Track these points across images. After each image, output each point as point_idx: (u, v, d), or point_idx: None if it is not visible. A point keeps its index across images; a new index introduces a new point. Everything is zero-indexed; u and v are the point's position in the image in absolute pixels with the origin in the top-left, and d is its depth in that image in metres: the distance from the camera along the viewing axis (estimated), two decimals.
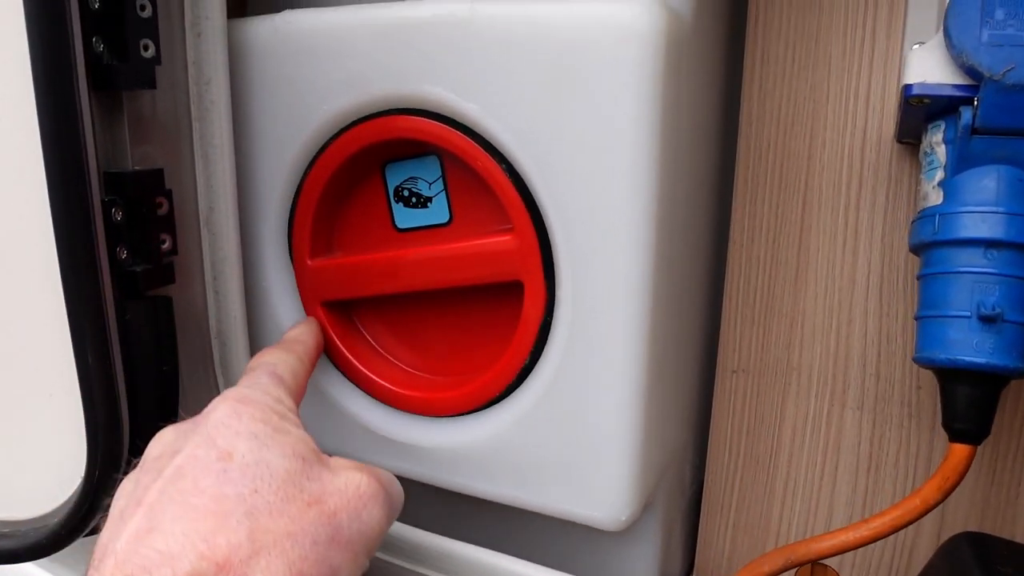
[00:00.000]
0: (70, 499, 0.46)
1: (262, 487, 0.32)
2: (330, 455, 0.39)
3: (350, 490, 0.35)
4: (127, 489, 0.36)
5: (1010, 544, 0.45)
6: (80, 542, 0.47)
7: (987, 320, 0.39)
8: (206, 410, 0.37)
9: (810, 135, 0.52)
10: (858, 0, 0.50)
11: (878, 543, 0.55)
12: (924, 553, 0.54)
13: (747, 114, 0.53)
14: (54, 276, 0.42)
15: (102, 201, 0.42)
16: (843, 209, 0.52)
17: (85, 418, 0.43)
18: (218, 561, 0.29)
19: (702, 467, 0.59)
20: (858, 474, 0.54)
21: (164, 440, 0.37)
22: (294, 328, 0.49)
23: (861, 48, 0.50)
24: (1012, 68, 0.38)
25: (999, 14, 0.39)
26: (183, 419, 0.44)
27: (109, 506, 0.37)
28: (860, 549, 0.55)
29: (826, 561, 0.56)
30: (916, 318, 0.43)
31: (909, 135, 0.47)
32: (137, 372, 0.44)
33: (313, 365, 0.47)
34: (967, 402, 0.41)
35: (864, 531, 0.44)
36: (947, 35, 0.40)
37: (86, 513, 0.45)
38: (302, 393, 0.43)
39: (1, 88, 0.42)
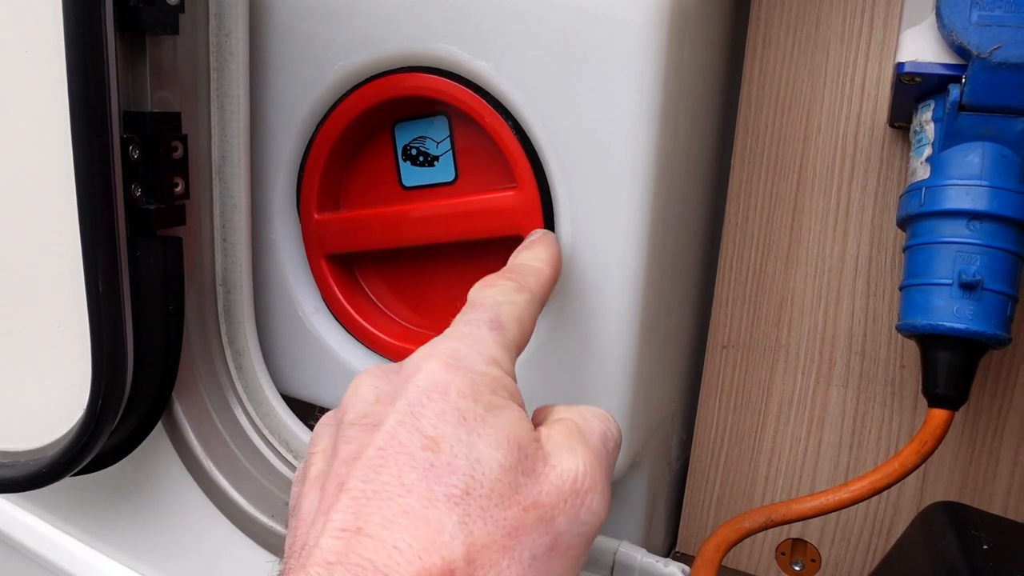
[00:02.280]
0: (70, 431, 0.47)
1: (474, 488, 0.29)
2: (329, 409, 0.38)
3: (567, 485, 0.31)
4: (323, 446, 0.33)
5: (985, 514, 0.47)
6: (69, 482, 0.48)
7: (968, 287, 0.41)
8: (410, 365, 0.33)
9: (806, 118, 0.54)
10: None
11: (857, 520, 0.56)
12: (902, 528, 0.55)
13: (746, 95, 0.55)
14: (69, 209, 0.43)
15: (121, 138, 0.44)
16: (835, 191, 0.54)
17: (92, 349, 0.44)
18: None
19: (689, 442, 0.61)
20: (840, 450, 0.56)
21: (361, 397, 0.33)
22: (530, 248, 0.42)
23: (859, 35, 0.52)
24: (999, 47, 0.40)
25: None
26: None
27: (104, 442, 0.37)
28: (840, 525, 0.57)
29: (807, 533, 0.57)
30: (900, 288, 0.45)
31: (901, 118, 0.49)
32: (144, 309, 0.46)
33: (544, 302, 0.40)
34: (947, 368, 0.43)
35: (844, 494, 0.45)
36: (939, 15, 0.42)
37: (85, 445, 0.46)
38: (526, 342, 0.38)
39: (31, 25, 0.44)
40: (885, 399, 0.54)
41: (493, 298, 0.37)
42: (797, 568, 0.59)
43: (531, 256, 0.41)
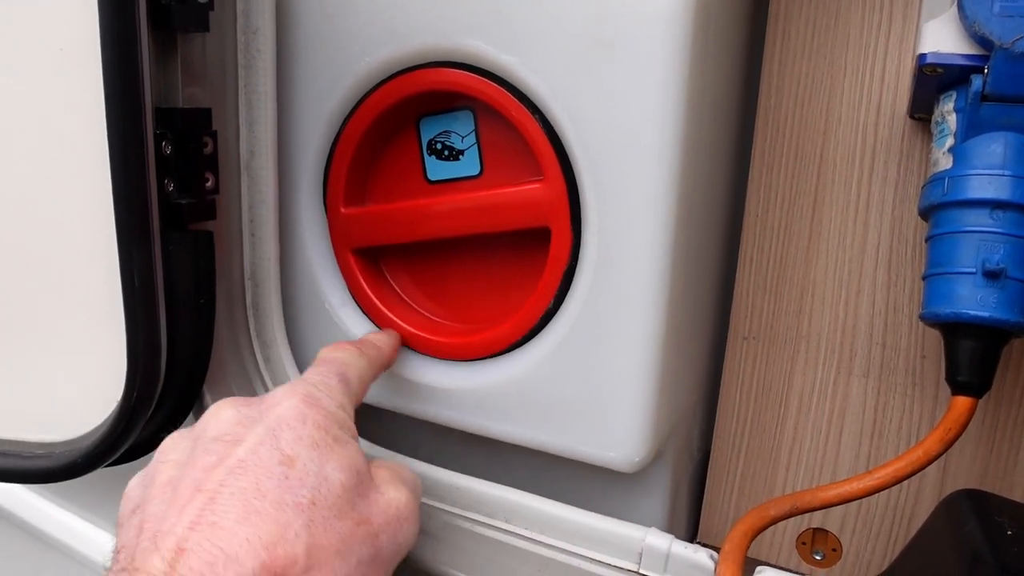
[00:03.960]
0: (105, 422, 0.48)
1: (319, 499, 0.34)
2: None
3: (391, 511, 0.38)
4: (175, 457, 0.37)
5: (1008, 500, 0.47)
6: (98, 473, 0.49)
7: (991, 276, 0.42)
8: (270, 399, 0.39)
9: (826, 110, 0.54)
10: None
11: (879, 509, 0.57)
12: (923, 518, 0.55)
13: (766, 87, 0.55)
14: (104, 203, 0.44)
15: (154, 133, 0.44)
16: (856, 182, 0.54)
17: (128, 342, 0.45)
18: (276, 572, 0.31)
19: (710, 432, 0.61)
20: (861, 441, 0.56)
21: (223, 419, 0.38)
22: (376, 333, 0.51)
23: (879, 27, 0.52)
24: (1021, 37, 0.40)
25: None
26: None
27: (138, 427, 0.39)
28: (861, 514, 0.57)
29: (828, 522, 0.58)
30: (923, 277, 0.45)
31: (921, 109, 0.49)
32: (176, 302, 0.47)
33: (379, 373, 0.48)
34: (970, 355, 0.43)
35: (868, 481, 0.45)
36: (961, 6, 0.42)
37: (120, 435, 0.47)
38: (362, 399, 0.45)
39: (66, 23, 0.44)
40: (906, 389, 0.54)
41: (342, 359, 0.44)
42: (818, 557, 0.59)
43: (377, 337, 0.50)
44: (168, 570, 0.30)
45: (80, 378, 0.50)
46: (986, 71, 0.42)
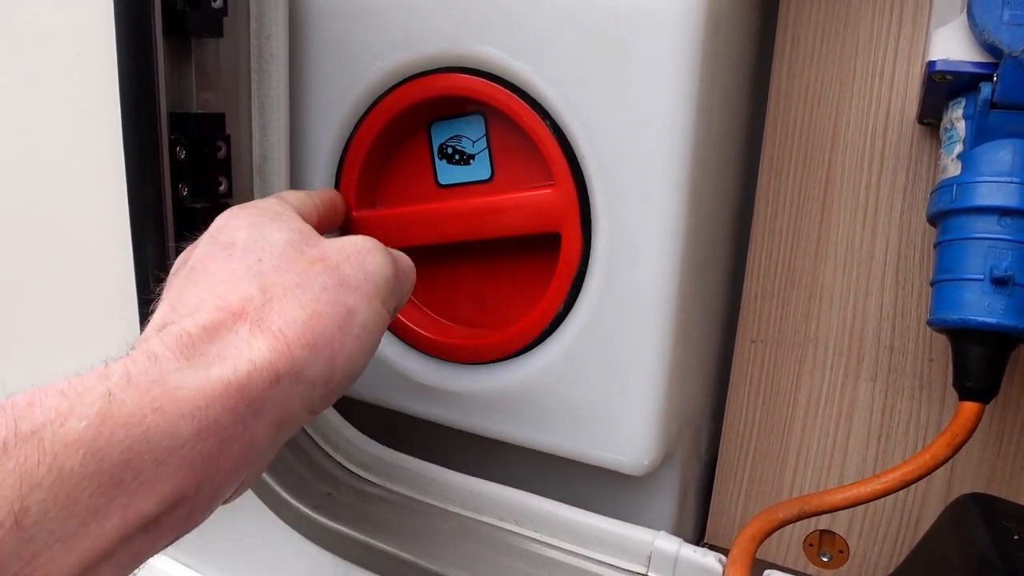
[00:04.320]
0: None
1: (265, 256, 0.35)
2: (366, 402, 0.42)
3: (348, 247, 0.38)
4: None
5: (1014, 504, 0.47)
6: None
7: (999, 283, 0.42)
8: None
9: (835, 114, 0.55)
10: None
11: (886, 512, 0.57)
12: (930, 520, 0.55)
13: (775, 92, 0.56)
14: (119, 208, 0.44)
15: (169, 139, 0.45)
16: (864, 187, 0.54)
17: None
18: (234, 311, 0.32)
19: (718, 435, 0.61)
20: (869, 443, 0.57)
21: (179, 260, 0.39)
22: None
23: (888, 33, 0.53)
24: None
25: None
26: None
27: None
28: (868, 516, 0.58)
29: (835, 524, 0.58)
30: (931, 283, 0.46)
31: (930, 115, 0.50)
32: None
33: (326, 212, 0.48)
34: (977, 361, 0.44)
35: (876, 485, 0.46)
36: (970, 14, 0.42)
37: None
38: (311, 221, 0.44)
39: (82, 29, 0.45)
40: (913, 392, 0.55)
41: (281, 192, 0.46)
42: (825, 559, 0.60)
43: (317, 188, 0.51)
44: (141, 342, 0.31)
45: None
46: (995, 79, 0.42)
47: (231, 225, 0.38)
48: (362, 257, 0.38)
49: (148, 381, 0.28)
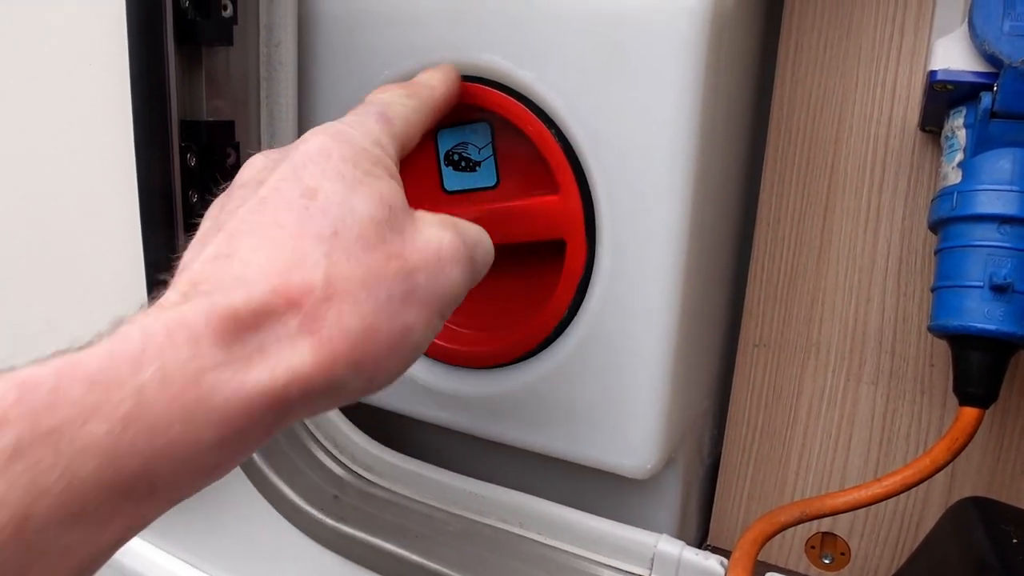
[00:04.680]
0: None
1: (343, 230, 0.31)
2: (371, 405, 0.40)
3: (431, 248, 0.34)
4: (212, 214, 0.34)
5: (1014, 508, 0.48)
6: None
7: (999, 290, 0.42)
8: (298, 141, 0.35)
9: (838, 121, 0.55)
10: None
11: (887, 515, 0.58)
12: (931, 523, 0.56)
13: (779, 99, 0.56)
14: (130, 215, 0.45)
15: (179, 146, 0.45)
16: (866, 193, 0.55)
17: None
18: (290, 297, 0.28)
19: (720, 438, 0.62)
20: (870, 447, 0.57)
21: (253, 166, 0.35)
22: (427, 71, 0.45)
23: (890, 41, 0.53)
24: None
25: (1020, 6, 0.42)
26: None
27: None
28: (870, 519, 0.58)
29: (837, 526, 0.59)
30: (932, 290, 0.46)
31: (932, 123, 0.50)
32: None
33: (435, 117, 0.43)
34: (977, 367, 0.44)
35: (877, 489, 0.46)
36: (971, 25, 0.43)
37: None
38: (412, 143, 0.40)
39: (93, 38, 0.46)
40: (915, 396, 0.55)
41: (385, 99, 0.40)
42: (827, 561, 0.60)
43: (428, 76, 0.44)
44: (179, 300, 0.28)
45: None
46: (995, 89, 0.43)
47: (319, 166, 0.33)
48: (441, 267, 0.34)
49: (183, 380, 0.25)
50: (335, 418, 0.54)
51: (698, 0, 0.41)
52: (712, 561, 0.42)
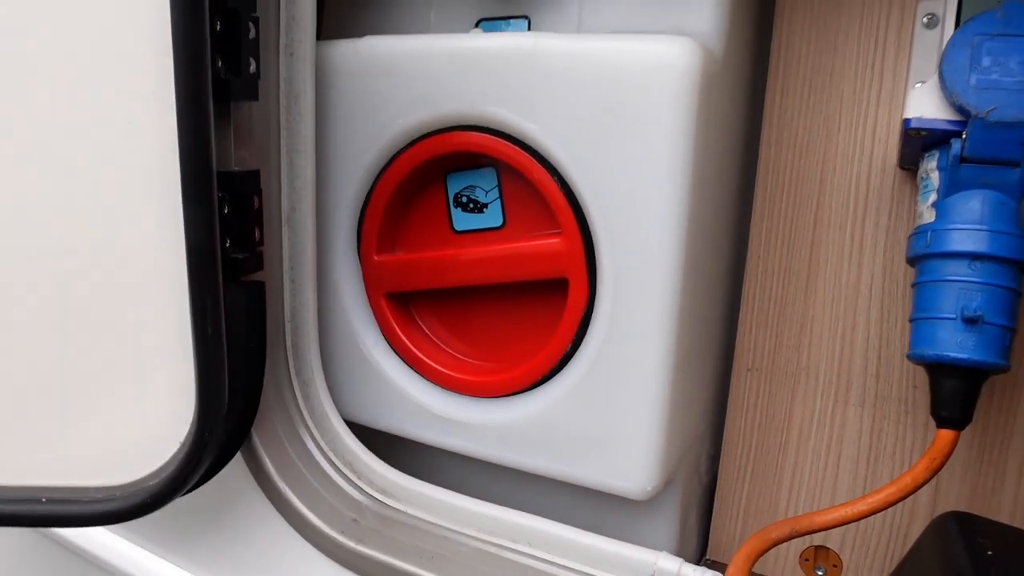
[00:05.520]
0: (171, 461, 0.52)
1: None
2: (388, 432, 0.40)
3: None
4: None
5: (991, 522, 0.51)
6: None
7: (970, 322, 0.46)
8: None
9: (822, 161, 0.59)
10: (869, 45, 0.57)
11: (876, 528, 0.61)
12: (917, 535, 0.59)
13: (767, 140, 0.60)
14: (170, 259, 0.48)
15: (217, 197, 0.49)
16: (850, 227, 0.58)
17: (199, 386, 0.49)
18: None
19: (717, 458, 0.65)
20: (858, 465, 0.61)
21: None
22: None
23: (870, 86, 0.57)
24: (995, 108, 0.45)
25: (985, 62, 0.45)
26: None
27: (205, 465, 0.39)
28: (860, 532, 0.62)
29: (829, 540, 0.62)
30: (910, 320, 0.50)
31: (909, 162, 0.54)
32: (232, 349, 0.51)
33: None
34: (952, 393, 0.48)
35: (861, 506, 0.50)
36: (941, 78, 0.47)
37: (190, 472, 0.50)
38: None
39: (134, 98, 0.49)
40: (899, 416, 0.59)
41: None
42: (820, 573, 0.63)
43: None
44: None
45: (140, 422, 0.53)
46: (964, 136, 0.46)
47: None
48: None
49: None
50: (353, 445, 0.58)
51: (687, 61, 0.45)
52: None
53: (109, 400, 0.54)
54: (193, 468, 0.49)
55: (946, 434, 0.48)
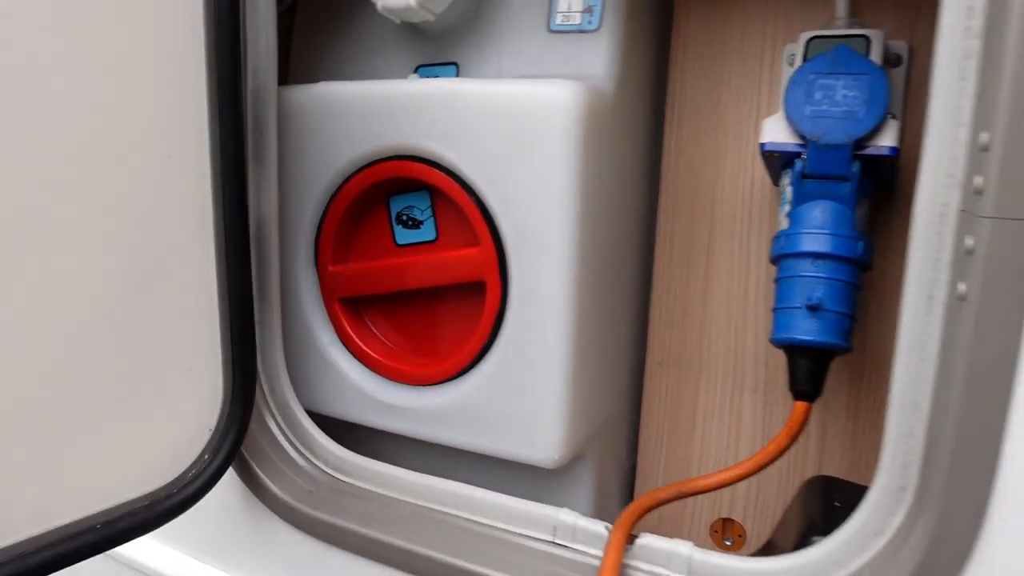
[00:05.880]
0: (200, 459, 0.59)
1: None
2: (337, 417, 0.50)
3: None
4: None
5: (847, 482, 0.60)
6: None
7: (812, 309, 0.55)
8: None
9: (714, 181, 0.69)
10: (749, 81, 0.67)
11: (771, 499, 0.70)
12: None
13: (667, 164, 0.70)
14: (202, 274, 0.56)
15: None
16: (738, 237, 0.68)
17: (228, 377, 0.57)
18: None
19: (636, 443, 0.74)
20: (754, 443, 0.69)
21: None
22: None
23: (750, 117, 0.67)
24: (825, 133, 0.55)
25: (817, 95, 0.55)
26: None
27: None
28: (759, 504, 0.70)
29: (734, 512, 0.71)
30: (772, 310, 0.59)
31: (776, 180, 0.63)
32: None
33: None
34: (803, 370, 0.57)
35: (736, 471, 0.59)
36: (784, 109, 0.56)
37: (222, 465, 0.58)
38: None
39: (173, 134, 0.55)
40: (786, 399, 0.67)
41: None
42: (728, 543, 0.72)
43: None
44: None
45: (160, 431, 0.58)
46: (804, 157, 0.56)
47: None
48: None
49: None
50: (311, 430, 0.67)
51: (572, 100, 0.55)
52: (599, 526, 0.54)
53: (140, 411, 0.56)
54: (227, 455, 0.57)
55: (801, 405, 0.57)
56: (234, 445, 0.59)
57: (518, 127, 0.57)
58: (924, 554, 0.43)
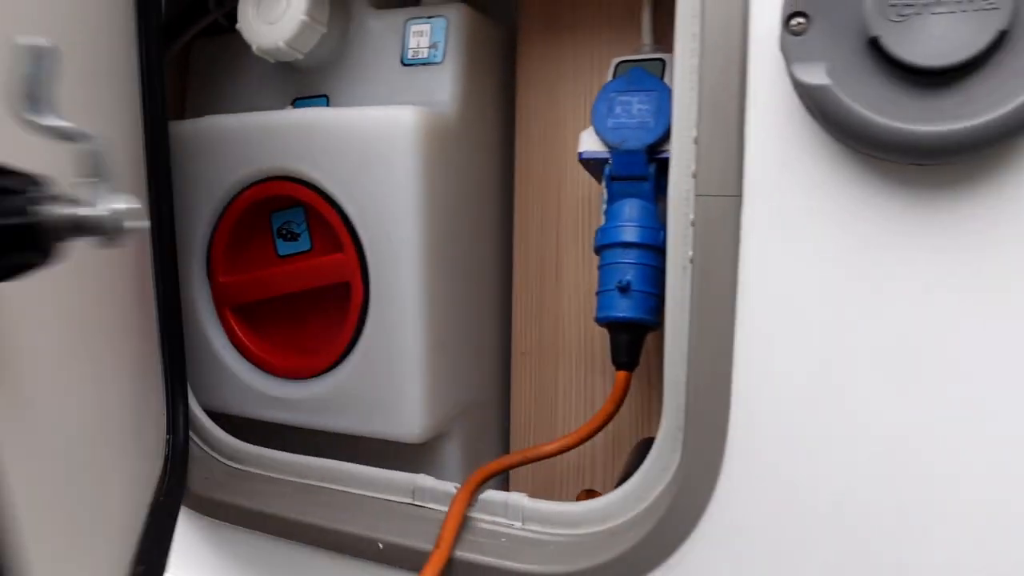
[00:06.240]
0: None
1: None
2: (229, 412, 0.60)
3: None
4: None
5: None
6: None
7: (623, 290, 0.65)
8: None
9: (559, 190, 0.79)
10: (582, 101, 0.77)
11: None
12: None
13: (519, 175, 0.80)
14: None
15: None
16: (581, 238, 0.78)
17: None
18: None
19: (508, 427, 0.83)
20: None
21: None
22: None
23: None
24: (624, 141, 0.65)
25: (617, 110, 0.66)
26: None
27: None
28: (611, 472, 0.79)
29: (595, 483, 0.79)
30: (596, 294, 0.69)
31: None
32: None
33: None
34: (621, 344, 0.66)
35: (572, 437, 0.67)
36: (593, 123, 0.67)
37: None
38: None
39: None
40: (633, 380, 0.77)
41: None
42: None
43: None
44: None
45: None
46: (610, 162, 0.66)
47: None
48: None
49: None
50: (208, 426, 0.74)
51: (414, 123, 0.65)
52: (449, 487, 0.63)
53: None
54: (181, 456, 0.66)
55: (622, 375, 0.67)
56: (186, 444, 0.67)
57: (370, 147, 0.66)
58: (685, 475, 0.53)
